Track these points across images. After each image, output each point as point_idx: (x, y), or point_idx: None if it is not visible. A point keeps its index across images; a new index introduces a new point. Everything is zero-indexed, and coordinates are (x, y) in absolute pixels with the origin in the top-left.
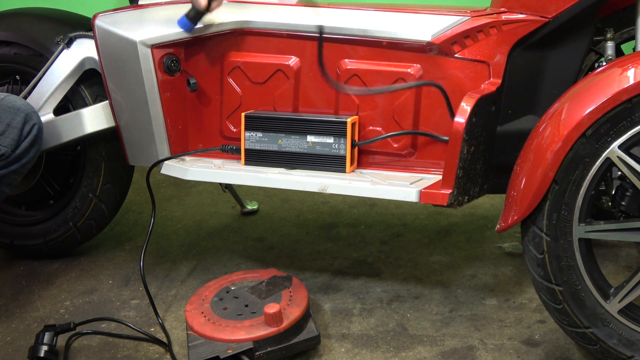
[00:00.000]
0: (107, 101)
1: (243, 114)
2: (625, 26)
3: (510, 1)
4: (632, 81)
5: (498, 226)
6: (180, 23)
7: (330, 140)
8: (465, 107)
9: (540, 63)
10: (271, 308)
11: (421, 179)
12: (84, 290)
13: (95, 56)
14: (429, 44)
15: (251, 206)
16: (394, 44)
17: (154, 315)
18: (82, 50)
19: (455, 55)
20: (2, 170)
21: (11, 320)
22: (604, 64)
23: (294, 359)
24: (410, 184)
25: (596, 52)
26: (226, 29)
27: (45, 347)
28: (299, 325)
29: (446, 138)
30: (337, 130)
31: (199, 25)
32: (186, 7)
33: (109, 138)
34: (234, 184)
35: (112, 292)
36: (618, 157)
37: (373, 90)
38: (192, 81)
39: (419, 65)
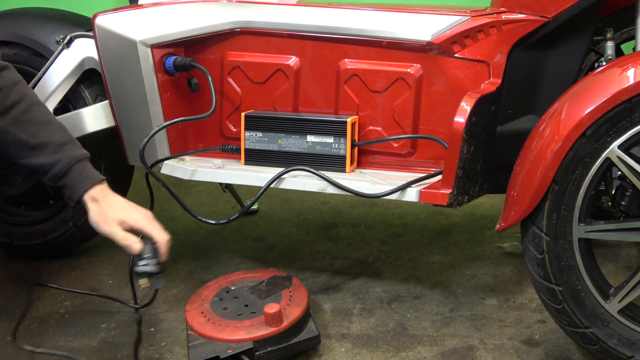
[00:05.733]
0: (107, 101)
1: (243, 114)
2: (625, 26)
3: (510, 1)
4: (631, 81)
5: (498, 226)
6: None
7: (330, 140)
8: (465, 106)
9: (540, 63)
10: (271, 308)
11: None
12: (84, 290)
13: (95, 56)
14: (429, 43)
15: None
16: (394, 43)
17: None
18: (82, 50)
19: (455, 55)
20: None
21: (11, 320)
22: (604, 64)
23: (294, 359)
24: None
25: (596, 52)
26: (226, 28)
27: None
28: (299, 325)
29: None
30: (337, 130)
31: None
32: (186, 7)
33: (109, 138)
34: (234, 184)
35: (112, 292)
36: (618, 157)
37: None
38: (193, 82)
39: (418, 65)
